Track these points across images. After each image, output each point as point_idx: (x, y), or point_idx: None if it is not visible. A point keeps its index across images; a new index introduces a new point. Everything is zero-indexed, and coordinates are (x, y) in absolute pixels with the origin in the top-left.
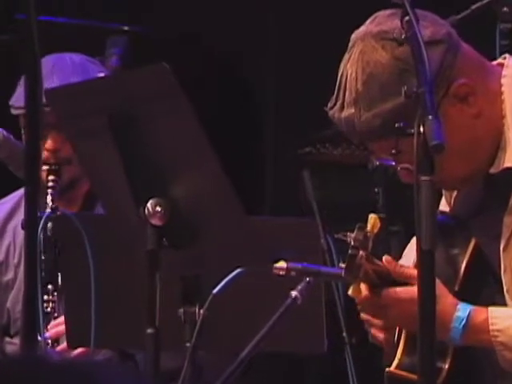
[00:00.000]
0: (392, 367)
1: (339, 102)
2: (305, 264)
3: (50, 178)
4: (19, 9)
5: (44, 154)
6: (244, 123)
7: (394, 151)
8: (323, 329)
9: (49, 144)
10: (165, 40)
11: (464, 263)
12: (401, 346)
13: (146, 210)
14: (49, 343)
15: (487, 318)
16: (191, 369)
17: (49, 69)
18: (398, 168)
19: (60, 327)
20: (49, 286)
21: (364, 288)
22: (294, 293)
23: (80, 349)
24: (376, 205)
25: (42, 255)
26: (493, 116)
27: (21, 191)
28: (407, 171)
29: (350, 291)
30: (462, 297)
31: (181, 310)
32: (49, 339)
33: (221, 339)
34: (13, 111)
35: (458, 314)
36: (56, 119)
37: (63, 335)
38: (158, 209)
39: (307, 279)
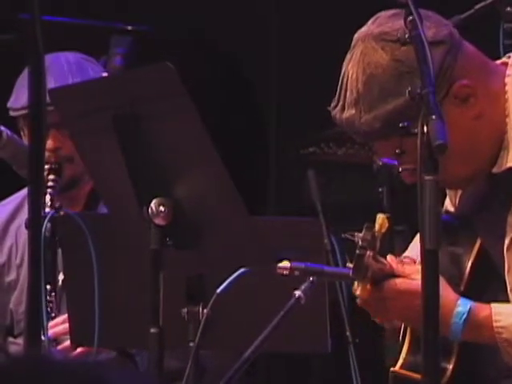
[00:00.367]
0: (396, 367)
1: (340, 103)
2: (308, 264)
3: (50, 178)
4: (22, 8)
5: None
6: (247, 123)
7: (398, 151)
8: (327, 328)
9: (49, 143)
10: (168, 40)
11: (469, 263)
12: (405, 346)
13: (150, 210)
14: (52, 343)
15: (490, 315)
16: (194, 368)
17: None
18: (400, 169)
19: (58, 327)
20: (47, 286)
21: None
22: (298, 292)
23: (81, 348)
24: (380, 204)
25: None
26: (495, 116)
27: (23, 192)
28: (409, 172)
29: (358, 291)
30: (467, 296)
31: (184, 310)
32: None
33: (224, 339)
34: (12, 113)
35: (459, 309)
36: (56, 118)
37: (62, 335)
38: (162, 209)
39: (311, 279)
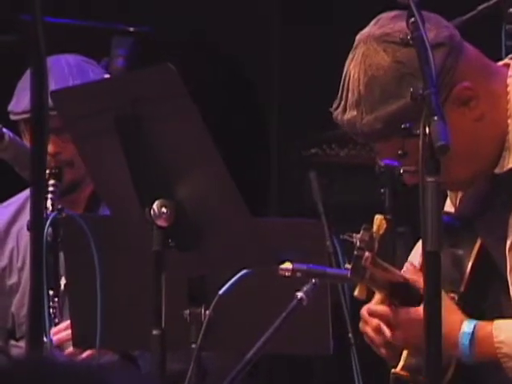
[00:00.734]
0: (398, 368)
1: (342, 104)
2: (310, 265)
3: (51, 183)
4: (24, 9)
5: None
6: (249, 124)
7: (400, 152)
8: (329, 330)
9: (49, 148)
10: (170, 41)
11: (469, 264)
12: None
13: (152, 212)
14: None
15: (491, 331)
16: (196, 370)
17: None
18: (401, 170)
19: (62, 333)
20: (50, 292)
21: (379, 299)
22: (300, 294)
23: (87, 352)
24: (382, 206)
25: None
26: (497, 117)
27: (24, 193)
28: (410, 174)
29: (356, 292)
30: (468, 298)
31: (186, 311)
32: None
33: (226, 340)
34: (12, 117)
35: (464, 331)
36: (56, 123)
37: (65, 342)
38: (164, 210)
39: (313, 280)
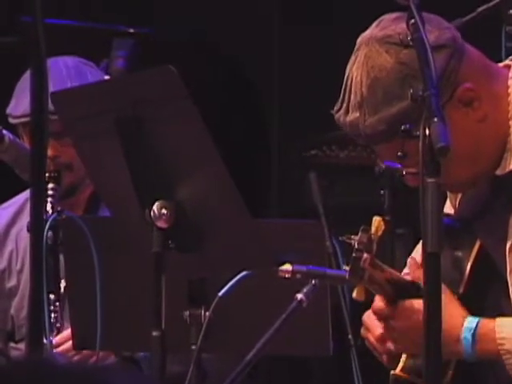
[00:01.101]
0: (397, 370)
1: (344, 106)
2: (310, 266)
3: (50, 186)
4: (24, 11)
5: None
6: (249, 125)
7: (401, 153)
8: (329, 331)
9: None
10: (170, 42)
11: (469, 265)
12: None
13: (152, 213)
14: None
15: (494, 327)
16: (196, 372)
17: None
18: (403, 172)
19: (66, 344)
20: (51, 296)
21: (379, 299)
22: (300, 295)
23: (85, 352)
24: (382, 207)
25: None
26: (498, 119)
27: (23, 195)
28: (413, 175)
29: (355, 294)
30: (467, 298)
31: (186, 313)
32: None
33: (226, 342)
34: (11, 120)
35: (467, 326)
36: (54, 127)
37: (68, 352)
38: (164, 211)
39: (313, 282)
